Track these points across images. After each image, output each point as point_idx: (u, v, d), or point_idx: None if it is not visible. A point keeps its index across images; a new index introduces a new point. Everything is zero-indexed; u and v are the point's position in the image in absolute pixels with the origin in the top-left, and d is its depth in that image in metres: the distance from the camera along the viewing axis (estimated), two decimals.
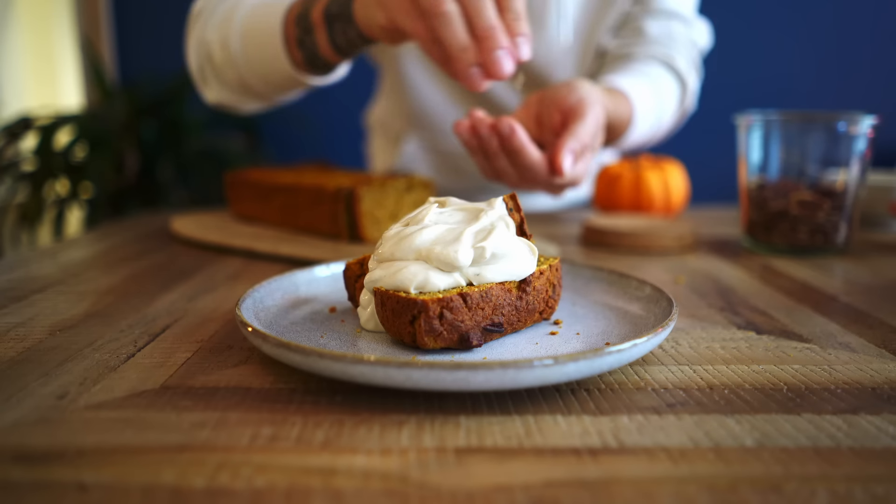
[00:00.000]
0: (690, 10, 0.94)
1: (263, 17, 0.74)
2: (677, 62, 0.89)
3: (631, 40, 0.92)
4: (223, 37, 0.77)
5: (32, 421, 0.31)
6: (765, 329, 0.46)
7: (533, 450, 0.29)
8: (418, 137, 1.08)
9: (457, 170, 1.08)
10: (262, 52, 0.74)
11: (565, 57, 0.95)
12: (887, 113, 1.15)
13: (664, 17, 0.92)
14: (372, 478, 0.27)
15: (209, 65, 0.81)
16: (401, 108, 1.07)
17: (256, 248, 0.69)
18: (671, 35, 0.91)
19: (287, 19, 0.71)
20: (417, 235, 0.39)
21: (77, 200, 2.01)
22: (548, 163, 0.63)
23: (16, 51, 3.32)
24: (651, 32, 0.91)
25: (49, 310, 0.50)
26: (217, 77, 0.82)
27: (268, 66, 0.75)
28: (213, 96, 0.85)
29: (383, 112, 1.14)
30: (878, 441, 0.30)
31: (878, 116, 0.70)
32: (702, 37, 0.96)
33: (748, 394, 0.35)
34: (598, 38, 0.94)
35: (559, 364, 0.32)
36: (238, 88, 0.81)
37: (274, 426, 0.31)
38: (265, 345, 0.35)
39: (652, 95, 0.82)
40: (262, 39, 0.73)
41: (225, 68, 0.79)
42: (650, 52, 0.90)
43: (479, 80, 0.54)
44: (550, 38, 0.93)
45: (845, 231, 0.72)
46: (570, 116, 0.66)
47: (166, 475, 0.27)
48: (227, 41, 0.77)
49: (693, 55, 0.94)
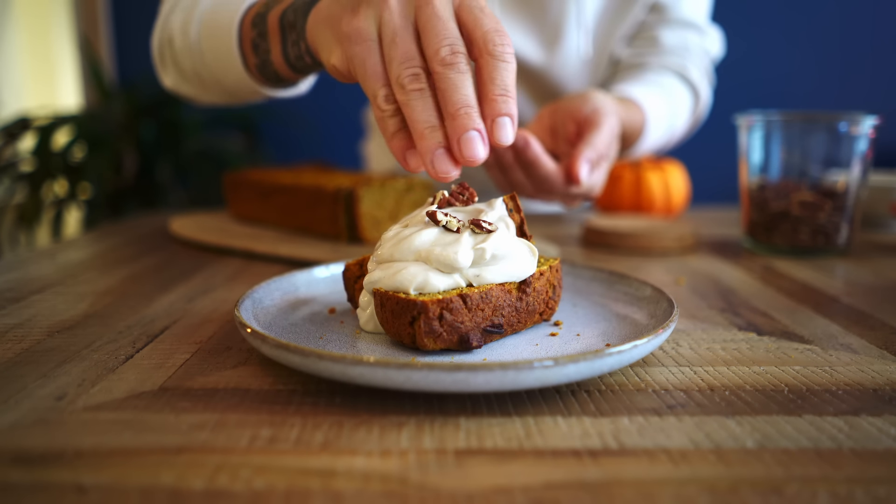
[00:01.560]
0: (704, 19, 0.94)
1: (225, 6, 0.64)
2: (691, 73, 0.89)
3: (645, 50, 0.92)
4: (185, 21, 0.69)
5: (31, 422, 0.31)
6: (766, 330, 0.46)
7: (533, 451, 0.29)
8: None
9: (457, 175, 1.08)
10: (217, 48, 0.65)
11: (583, 68, 0.95)
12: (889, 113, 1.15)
13: (680, 26, 0.92)
14: (371, 479, 0.26)
15: (169, 49, 0.73)
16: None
17: (255, 249, 0.69)
18: (686, 45, 0.91)
19: (245, 17, 0.62)
20: (417, 236, 0.39)
21: (75, 201, 2.00)
22: (564, 173, 0.63)
23: (14, 51, 3.32)
24: (666, 42, 0.91)
25: (47, 311, 0.50)
26: (175, 63, 0.73)
27: (222, 64, 0.65)
28: (170, 82, 0.77)
29: None
30: (880, 442, 0.30)
31: (879, 117, 0.70)
32: (714, 45, 0.96)
33: (749, 395, 0.35)
34: (613, 47, 0.93)
35: (559, 365, 0.32)
36: (193, 79, 0.72)
37: (273, 427, 0.31)
38: (264, 346, 0.35)
39: (665, 105, 0.82)
40: (219, 33, 0.64)
41: (182, 56, 0.70)
42: (664, 62, 0.90)
43: (446, 164, 0.39)
44: (570, 51, 0.92)
45: (846, 232, 0.72)
46: (585, 126, 0.66)
47: (165, 477, 0.26)
48: (188, 27, 0.68)
49: (706, 64, 0.94)
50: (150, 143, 2.08)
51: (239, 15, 0.62)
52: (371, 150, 1.22)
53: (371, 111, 1.18)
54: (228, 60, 0.64)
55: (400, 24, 0.41)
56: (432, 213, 0.40)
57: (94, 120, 2.09)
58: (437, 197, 0.43)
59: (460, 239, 0.39)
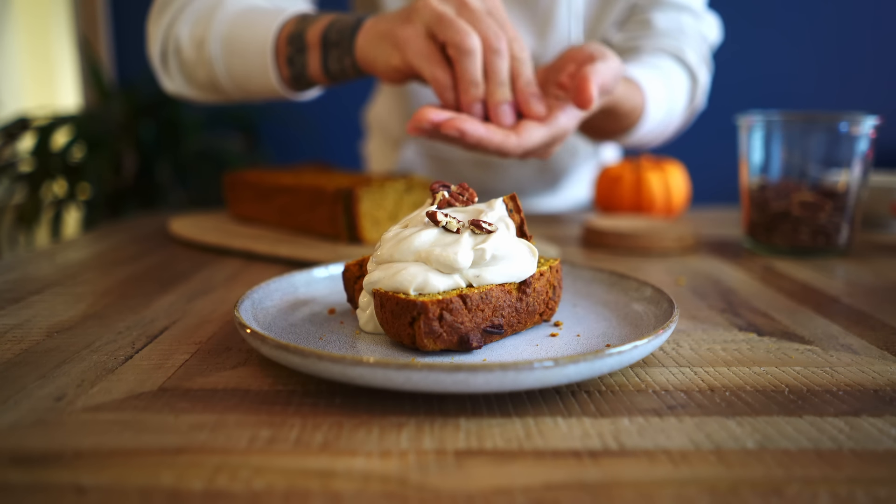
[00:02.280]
0: (700, 3, 0.90)
1: (251, 26, 0.73)
2: (687, 55, 0.86)
3: (638, 33, 0.89)
4: (198, 36, 0.76)
5: (30, 423, 0.31)
6: (766, 331, 0.46)
7: (533, 452, 0.29)
8: (418, 143, 1.08)
9: (455, 175, 1.08)
10: (246, 62, 0.74)
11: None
12: (889, 113, 1.15)
13: (673, 9, 0.88)
14: (371, 480, 0.26)
15: (176, 59, 0.79)
16: (401, 111, 1.07)
17: (255, 250, 0.69)
18: (681, 28, 0.88)
19: (280, 35, 0.71)
20: (417, 237, 0.39)
21: (75, 201, 2.00)
22: (573, 94, 0.57)
23: (13, 51, 3.32)
24: (659, 25, 0.88)
25: (46, 311, 0.50)
26: (183, 73, 0.80)
27: (250, 75, 0.74)
28: (173, 87, 0.83)
29: (383, 113, 1.13)
30: (881, 443, 0.30)
31: (880, 117, 0.70)
32: (712, 31, 0.92)
33: (749, 396, 0.35)
34: (603, 32, 0.92)
35: (559, 366, 0.31)
36: (207, 87, 0.80)
37: (272, 428, 0.31)
38: (264, 346, 0.35)
39: (663, 87, 0.80)
40: (248, 49, 0.73)
41: (196, 67, 0.78)
42: (659, 44, 0.87)
43: (479, 115, 0.58)
44: (561, 37, 0.91)
45: (847, 232, 0.71)
46: (588, 61, 0.60)
47: (164, 477, 0.26)
48: (204, 42, 0.75)
49: (703, 50, 0.90)
50: (150, 143, 2.08)
51: (273, 34, 0.71)
52: (371, 150, 1.21)
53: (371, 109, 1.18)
54: (260, 74, 0.73)
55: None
56: (432, 213, 0.40)
57: (93, 120, 2.09)
58: (437, 198, 0.43)
59: (460, 239, 0.39)
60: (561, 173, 1.09)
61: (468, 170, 1.06)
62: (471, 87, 0.56)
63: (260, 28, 0.72)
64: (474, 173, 1.06)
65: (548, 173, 1.08)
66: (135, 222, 0.94)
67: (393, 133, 1.11)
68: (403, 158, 1.09)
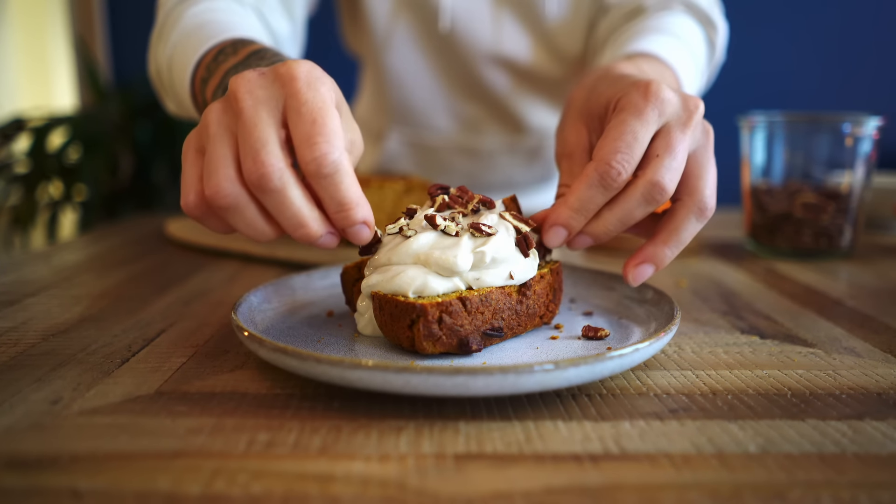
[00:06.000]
0: None
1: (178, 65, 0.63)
2: (698, 1, 0.77)
3: None
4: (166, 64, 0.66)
5: (26, 427, 0.31)
6: (768, 333, 0.46)
7: (533, 456, 0.28)
8: (401, 133, 1.06)
9: (442, 165, 1.06)
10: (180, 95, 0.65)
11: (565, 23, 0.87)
12: (893, 114, 1.15)
13: None
14: (370, 484, 0.26)
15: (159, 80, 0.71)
16: (383, 102, 1.05)
17: (252, 252, 0.68)
18: None
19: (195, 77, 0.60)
20: (415, 240, 0.39)
21: (71, 203, 2.00)
22: (625, 271, 0.44)
23: (9, 51, 3.31)
24: None
25: (42, 314, 0.49)
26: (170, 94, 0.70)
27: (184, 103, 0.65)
28: (172, 108, 0.73)
29: (364, 110, 1.12)
30: (884, 447, 0.29)
31: (883, 118, 0.70)
32: None
33: (752, 399, 0.35)
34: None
35: (560, 369, 0.31)
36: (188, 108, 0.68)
37: (270, 432, 0.30)
38: (261, 349, 0.35)
39: (690, 59, 0.71)
40: (179, 85, 0.63)
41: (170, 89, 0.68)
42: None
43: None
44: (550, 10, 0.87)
45: (850, 234, 0.71)
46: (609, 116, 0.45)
47: (161, 482, 0.26)
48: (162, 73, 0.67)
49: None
50: (146, 144, 2.08)
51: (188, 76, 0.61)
52: (368, 150, 1.21)
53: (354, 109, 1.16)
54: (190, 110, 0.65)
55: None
56: (431, 216, 0.40)
57: (89, 121, 2.08)
58: (437, 201, 0.43)
59: (459, 242, 0.38)
60: (552, 166, 1.07)
61: (455, 159, 1.04)
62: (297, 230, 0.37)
63: (180, 70, 0.62)
64: (462, 163, 1.04)
65: (537, 166, 1.06)
66: (131, 224, 0.94)
67: (374, 126, 1.10)
68: (387, 150, 1.07)
